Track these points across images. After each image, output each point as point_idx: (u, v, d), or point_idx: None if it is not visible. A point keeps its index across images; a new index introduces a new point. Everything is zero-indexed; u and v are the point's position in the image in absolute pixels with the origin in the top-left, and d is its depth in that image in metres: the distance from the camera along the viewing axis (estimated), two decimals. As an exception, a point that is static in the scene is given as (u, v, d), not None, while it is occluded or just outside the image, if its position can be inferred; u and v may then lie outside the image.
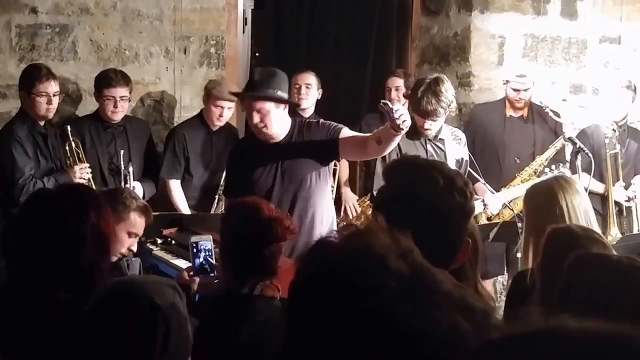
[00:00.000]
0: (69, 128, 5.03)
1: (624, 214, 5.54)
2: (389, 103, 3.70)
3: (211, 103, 5.40)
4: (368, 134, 4.12)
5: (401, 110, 3.66)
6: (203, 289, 3.43)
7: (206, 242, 3.44)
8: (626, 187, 5.50)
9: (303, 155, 4.13)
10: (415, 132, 4.69)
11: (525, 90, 5.50)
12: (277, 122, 4.08)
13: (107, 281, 2.21)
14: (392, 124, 3.68)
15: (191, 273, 3.46)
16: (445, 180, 1.83)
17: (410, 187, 1.85)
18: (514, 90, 5.51)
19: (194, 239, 3.48)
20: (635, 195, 5.47)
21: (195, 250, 3.43)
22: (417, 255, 1.13)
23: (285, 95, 4.11)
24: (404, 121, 3.65)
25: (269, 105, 4.01)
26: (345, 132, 4.13)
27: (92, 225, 2.41)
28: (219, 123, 5.46)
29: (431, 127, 4.63)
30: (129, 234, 3.50)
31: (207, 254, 3.41)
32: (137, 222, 3.52)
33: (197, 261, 3.43)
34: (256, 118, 4.02)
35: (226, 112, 5.41)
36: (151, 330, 1.91)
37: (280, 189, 4.14)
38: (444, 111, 4.57)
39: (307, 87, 5.72)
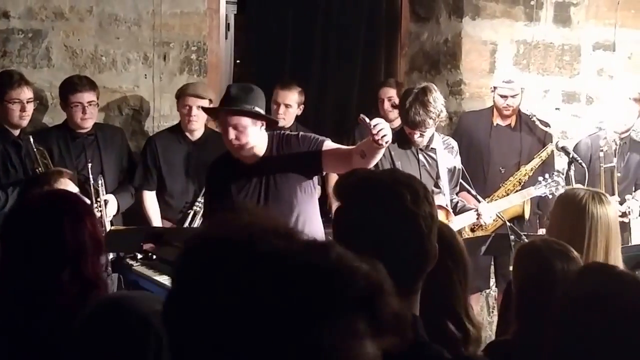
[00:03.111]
0: (31, 139, 5.00)
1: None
2: (366, 118, 3.69)
3: (179, 105, 5.41)
4: (352, 147, 4.11)
5: (381, 125, 3.65)
6: None
7: None
8: (622, 202, 5.56)
9: (285, 172, 4.09)
10: (406, 142, 4.75)
11: (513, 96, 5.52)
12: (254, 139, 4.03)
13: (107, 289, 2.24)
14: (373, 139, 3.68)
15: None
16: (411, 192, 1.85)
17: (375, 207, 1.84)
18: (502, 96, 5.54)
19: None
20: (630, 211, 5.52)
21: None
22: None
23: (262, 112, 4.08)
24: (383, 136, 3.65)
25: (245, 121, 3.97)
26: (329, 144, 4.10)
27: (89, 232, 2.46)
28: (193, 127, 5.41)
29: (421, 137, 4.69)
30: None
31: None
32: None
33: None
34: (232, 134, 3.98)
35: (196, 112, 5.34)
36: (143, 347, 1.93)
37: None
38: (433, 122, 4.62)
39: (286, 107, 5.72)
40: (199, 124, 5.44)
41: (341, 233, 1.84)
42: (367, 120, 3.67)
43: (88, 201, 3.74)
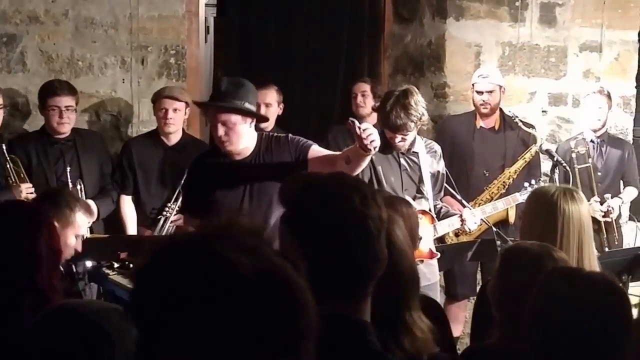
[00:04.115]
0: (4, 146, 4.98)
1: (604, 231, 5.60)
2: (357, 122, 3.66)
3: (155, 108, 5.40)
4: (338, 153, 4.09)
5: (370, 130, 3.62)
6: None
7: None
8: (603, 202, 5.58)
9: (271, 174, 4.05)
10: (387, 146, 4.73)
11: (489, 92, 5.51)
12: (243, 137, 4.03)
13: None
14: (360, 144, 3.65)
15: None
16: (359, 194, 1.84)
17: (322, 211, 1.83)
18: (478, 92, 5.53)
19: None
20: (611, 209, 5.54)
21: None
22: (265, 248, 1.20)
23: (253, 108, 4.05)
24: (372, 141, 3.62)
25: (235, 118, 3.95)
26: (315, 150, 4.09)
27: (45, 242, 2.44)
28: (169, 129, 5.37)
29: (403, 140, 4.68)
30: (76, 237, 3.67)
31: None
32: (83, 223, 3.72)
33: None
34: (221, 131, 3.96)
35: (172, 115, 5.32)
36: (95, 353, 1.94)
37: (249, 211, 4.10)
38: (414, 125, 4.60)
39: (267, 106, 5.71)
40: (175, 127, 5.41)
41: (286, 240, 1.83)
42: (357, 123, 3.65)
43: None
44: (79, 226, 3.68)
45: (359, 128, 3.61)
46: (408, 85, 4.80)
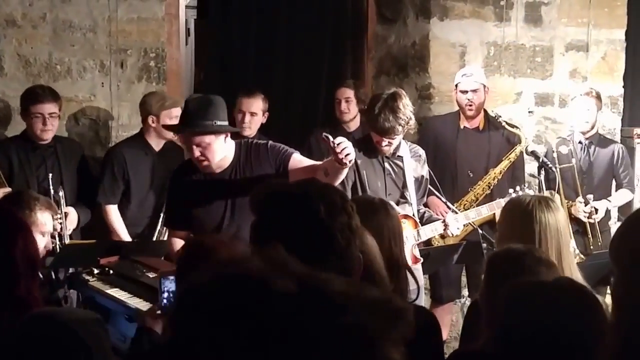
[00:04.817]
0: None
1: (589, 232, 5.60)
2: (330, 137, 3.66)
3: (152, 118, 5.36)
4: (319, 163, 4.07)
5: (344, 144, 3.62)
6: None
7: (172, 284, 3.38)
8: (587, 203, 5.59)
9: (251, 184, 4.00)
10: (372, 150, 4.74)
11: (474, 91, 5.51)
12: (219, 152, 4.04)
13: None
14: (336, 159, 3.66)
15: (158, 312, 3.41)
16: (325, 203, 1.83)
17: (288, 222, 1.83)
18: (462, 92, 5.52)
19: (163, 274, 3.44)
20: (595, 210, 5.55)
21: (162, 287, 3.39)
22: (294, 265, 1.14)
23: (224, 123, 4.05)
24: (347, 155, 3.63)
25: (208, 138, 3.97)
26: (296, 159, 4.08)
27: (21, 250, 2.43)
28: (163, 137, 5.41)
29: (389, 144, 4.68)
30: (42, 234, 3.67)
31: (170, 295, 3.37)
32: (46, 220, 3.72)
33: (164, 300, 3.39)
34: (196, 152, 3.99)
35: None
36: None
37: (230, 226, 4.07)
38: (402, 128, 4.61)
39: (252, 115, 5.71)
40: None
41: (258, 249, 1.83)
42: (331, 138, 3.65)
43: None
44: (42, 224, 3.68)
45: (333, 143, 3.62)
46: (396, 88, 4.81)
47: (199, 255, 2.93)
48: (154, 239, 5.33)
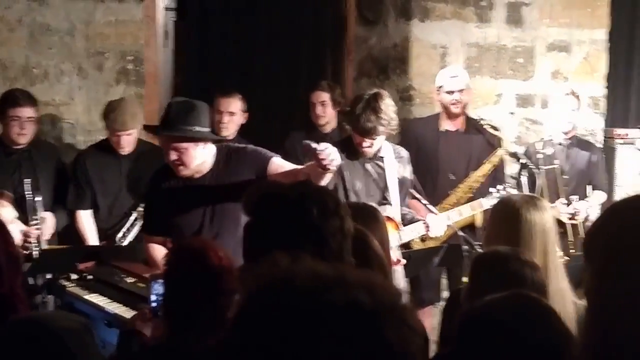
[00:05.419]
0: None
1: (569, 234, 5.62)
2: (312, 143, 3.65)
3: (109, 130, 5.31)
4: (300, 167, 4.06)
5: (328, 150, 3.61)
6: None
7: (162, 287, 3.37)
8: (570, 204, 5.62)
9: (230, 192, 4.00)
10: (353, 152, 4.74)
11: (460, 91, 5.52)
12: (198, 158, 4.02)
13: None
14: (320, 165, 3.64)
15: (148, 313, 3.40)
16: (318, 206, 1.84)
17: (280, 224, 1.84)
18: (449, 92, 5.52)
19: (154, 277, 3.43)
20: (577, 212, 5.58)
21: (152, 290, 3.39)
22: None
23: (205, 129, 4.03)
24: (332, 160, 3.62)
25: (186, 144, 3.95)
26: (275, 164, 4.05)
27: (3, 250, 2.43)
28: (123, 151, 5.34)
29: (371, 145, 4.69)
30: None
31: (159, 298, 3.36)
32: (8, 214, 3.80)
33: (154, 303, 3.39)
34: (173, 155, 3.97)
35: (126, 139, 5.28)
36: None
37: (209, 232, 4.04)
38: (384, 129, 4.61)
39: (230, 115, 5.70)
40: (128, 149, 5.37)
41: (250, 250, 1.84)
42: (313, 145, 3.63)
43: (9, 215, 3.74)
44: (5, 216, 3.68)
45: (316, 149, 3.61)
46: (378, 89, 4.82)
47: (187, 258, 2.93)
48: (117, 240, 5.30)
